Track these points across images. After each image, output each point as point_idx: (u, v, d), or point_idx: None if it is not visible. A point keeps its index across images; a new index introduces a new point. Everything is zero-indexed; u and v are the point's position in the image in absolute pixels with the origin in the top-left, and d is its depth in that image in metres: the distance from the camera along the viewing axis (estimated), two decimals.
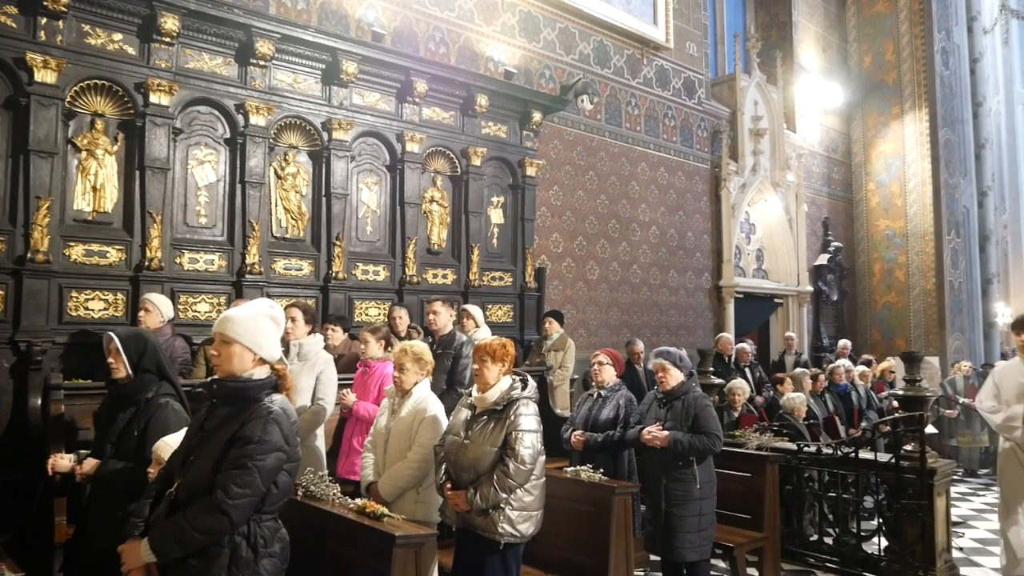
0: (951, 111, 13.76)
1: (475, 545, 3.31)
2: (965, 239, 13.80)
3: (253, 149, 6.04)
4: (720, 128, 11.57)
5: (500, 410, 3.33)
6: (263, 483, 2.28)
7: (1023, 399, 4.77)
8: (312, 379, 4.36)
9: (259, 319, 2.50)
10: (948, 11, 13.93)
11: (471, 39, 8.32)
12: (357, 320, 6.54)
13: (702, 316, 11.06)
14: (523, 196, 8.00)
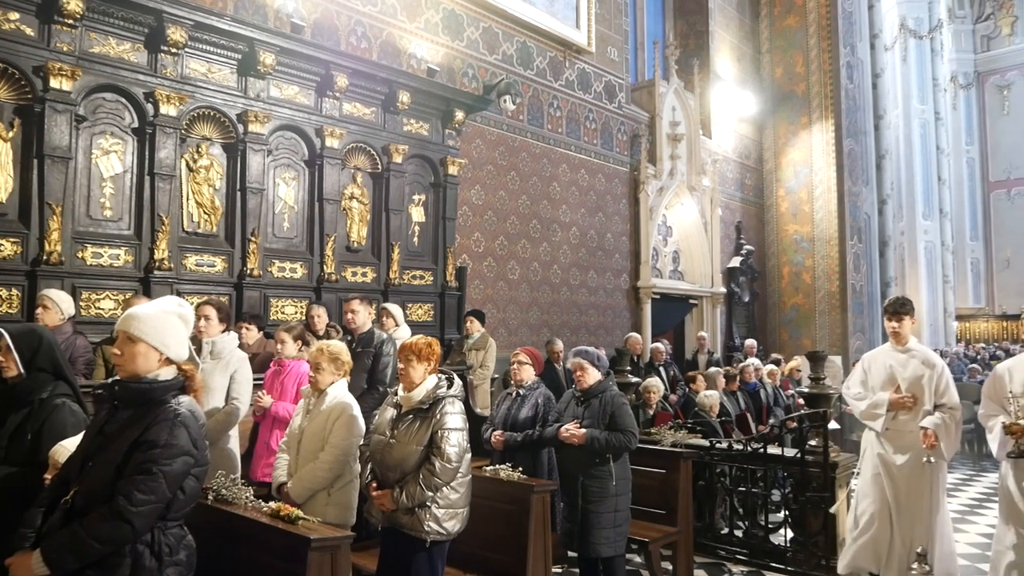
0: (855, 123, 14.46)
1: (400, 544, 3.28)
2: (866, 244, 14.54)
3: (163, 140, 5.80)
4: (639, 132, 11.81)
5: (426, 409, 3.31)
6: (169, 489, 2.18)
7: (890, 386, 4.57)
8: (226, 379, 4.22)
9: (166, 317, 2.39)
10: (853, 27, 14.64)
11: (394, 35, 8.23)
12: (273, 319, 6.37)
13: (620, 316, 11.27)
14: (445, 195, 7.96)
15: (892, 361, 4.63)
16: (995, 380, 4.21)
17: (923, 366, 4.53)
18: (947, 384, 4.49)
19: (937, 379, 4.48)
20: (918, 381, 4.50)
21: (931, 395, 4.44)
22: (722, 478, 5.99)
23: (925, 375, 4.49)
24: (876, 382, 4.66)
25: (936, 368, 4.50)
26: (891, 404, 4.51)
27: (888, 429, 4.55)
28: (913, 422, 4.45)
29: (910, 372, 4.53)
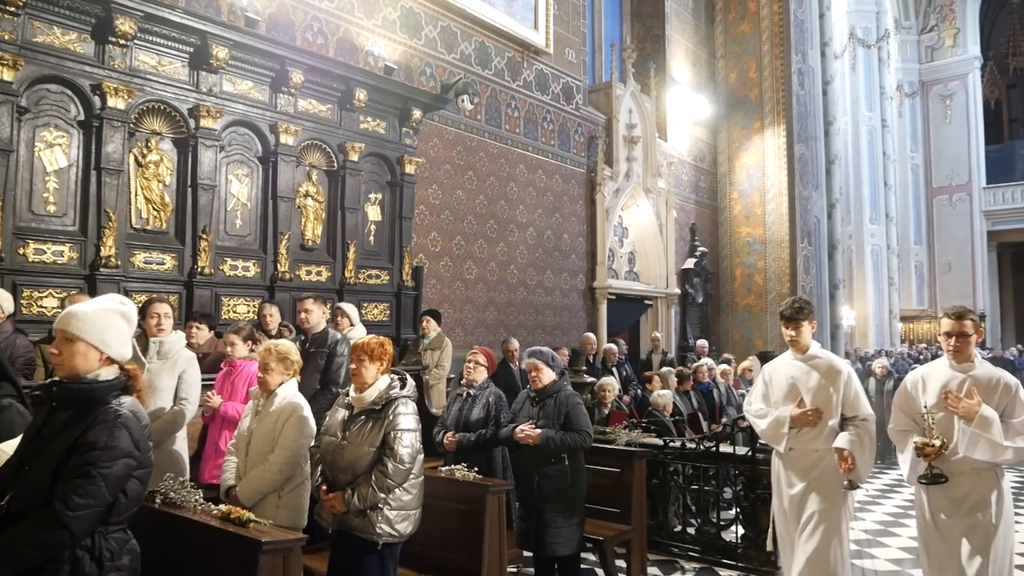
0: (806, 128, 14.79)
1: (351, 547, 3.24)
2: (816, 247, 14.88)
3: (111, 134, 5.64)
4: (596, 134, 11.90)
5: (378, 410, 3.27)
6: (109, 492, 2.12)
7: (791, 398, 3.99)
8: (173, 379, 4.13)
9: (107, 315, 2.32)
10: (804, 35, 14.97)
11: (351, 31, 8.14)
12: (224, 318, 6.25)
13: (576, 316, 11.33)
14: (401, 194, 7.91)
15: (793, 371, 4.04)
16: (906, 391, 3.80)
17: (828, 375, 3.95)
18: (856, 393, 3.93)
19: (844, 388, 3.90)
20: (823, 392, 3.92)
21: (838, 407, 3.88)
22: (675, 476, 6.06)
23: (830, 385, 3.92)
24: (778, 396, 4.07)
25: (842, 376, 3.93)
26: (794, 420, 3.91)
27: (792, 449, 3.97)
28: (817, 440, 3.89)
29: (814, 382, 3.95)
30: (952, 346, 3.60)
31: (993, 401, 3.49)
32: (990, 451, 3.41)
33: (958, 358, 3.61)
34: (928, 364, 3.94)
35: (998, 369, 3.65)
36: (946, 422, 3.54)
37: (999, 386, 3.53)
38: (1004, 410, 3.47)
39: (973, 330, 3.60)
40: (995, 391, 3.51)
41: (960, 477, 3.51)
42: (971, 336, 3.60)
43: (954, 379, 3.59)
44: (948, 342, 3.62)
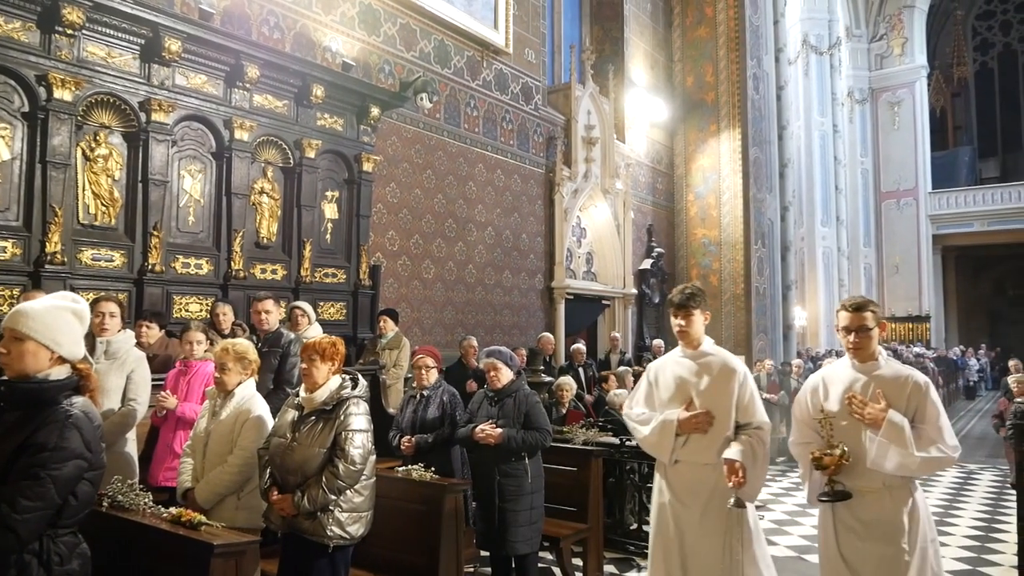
0: (760, 132, 15.07)
1: (302, 550, 3.20)
2: (769, 249, 15.17)
3: (57, 126, 5.47)
4: (555, 135, 11.95)
5: (329, 410, 3.24)
6: (58, 494, 2.06)
7: (679, 400, 3.40)
8: (122, 379, 4.03)
9: (58, 313, 2.25)
10: (759, 41, 15.25)
11: (308, 27, 8.04)
12: (176, 316, 6.12)
13: (534, 316, 11.36)
14: (359, 192, 7.83)
15: (682, 370, 3.45)
16: (805, 397, 3.29)
17: (721, 375, 3.37)
18: (752, 397, 3.37)
19: (739, 391, 3.33)
20: (716, 394, 3.34)
21: (732, 412, 3.31)
22: (631, 475, 6.12)
23: (724, 386, 3.35)
24: (664, 398, 3.47)
25: (737, 376, 3.35)
26: (681, 426, 3.31)
27: (678, 462, 3.35)
28: (709, 451, 3.29)
29: (705, 383, 3.37)
30: (851, 343, 3.11)
31: (902, 403, 3.01)
32: (900, 463, 2.92)
33: (860, 356, 3.12)
34: (829, 366, 3.44)
35: (906, 367, 3.18)
36: (852, 432, 3.05)
37: (908, 386, 3.04)
38: (915, 413, 3.01)
39: (875, 323, 3.10)
40: (904, 392, 3.03)
41: (869, 496, 3.02)
42: (872, 330, 3.09)
43: (857, 381, 3.11)
44: (847, 339, 3.12)
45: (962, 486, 9.21)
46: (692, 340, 3.45)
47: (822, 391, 3.21)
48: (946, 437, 2.96)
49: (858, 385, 3.11)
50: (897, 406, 3.00)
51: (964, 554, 6.25)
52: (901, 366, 3.16)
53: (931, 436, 2.95)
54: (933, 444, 2.94)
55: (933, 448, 2.93)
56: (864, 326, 3.09)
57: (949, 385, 19.25)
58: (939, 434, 2.96)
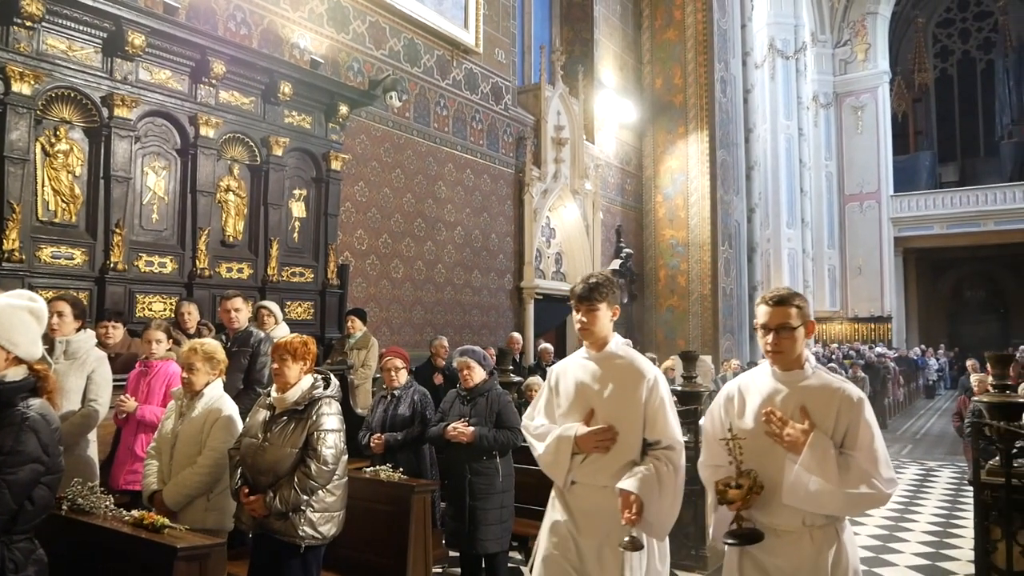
0: (727, 134, 15.25)
1: (273, 550, 3.17)
2: (736, 250, 15.35)
3: (15, 121, 5.33)
4: (525, 135, 11.96)
5: (301, 410, 3.21)
6: (14, 499, 2.01)
7: (578, 411, 2.79)
8: (82, 380, 3.94)
9: (14, 312, 2.20)
10: (727, 44, 15.43)
11: (275, 23, 7.95)
12: (139, 316, 6.00)
13: (504, 316, 11.37)
14: (327, 190, 7.76)
15: (583, 374, 2.85)
16: (716, 412, 2.67)
17: (627, 381, 2.78)
18: (662, 409, 2.73)
19: (647, 400, 2.73)
20: (621, 404, 2.74)
21: (639, 426, 2.72)
22: None
23: (630, 395, 2.74)
24: (566, 403, 2.87)
25: (646, 382, 2.75)
26: (579, 443, 2.71)
27: (575, 484, 2.77)
28: (610, 473, 2.68)
29: (609, 391, 2.77)
30: (771, 344, 2.49)
31: (830, 423, 2.41)
32: (821, 499, 2.34)
33: (780, 362, 2.51)
34: (749, 372, 2.77)
35: (838, 378, 2.56)
36: (769, 457, 2.44)
37: (838, 401, 2.43)
38: (845, 437, 2.40)
39: (800, 321, 2.50)
40: (832, 409, 2.42)
41: (786, 537, 2.43)
42: (797, 330, 2.49)
43: (778, 393, 2.50)
44: (765, 339, 2.51)
45: (921, 483, 9.41)
46: (596, 339, 2.84)
47: (737, 403, 2.60)
48: (881, 469, 2.35)
49: (778, 398, 2.49)
50: (824, 426, 2.40)
51: (923, 549, 6.38)
52: (831, 377, 2.54)
53: (863, 467, 2.34)
54: (865, 477, 2.33)
55: (864, 483, 2.32)
56: (786, 324, 2.48)
57: (909, 384, 19.66)
58: (873, 464, 2.34)
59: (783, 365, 2.52)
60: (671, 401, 2.83)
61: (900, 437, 14.05)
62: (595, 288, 2.81)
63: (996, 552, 3.90)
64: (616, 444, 2.71)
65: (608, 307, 2.83)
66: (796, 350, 2.50)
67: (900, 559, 6.11)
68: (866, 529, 7.05)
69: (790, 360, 2.51)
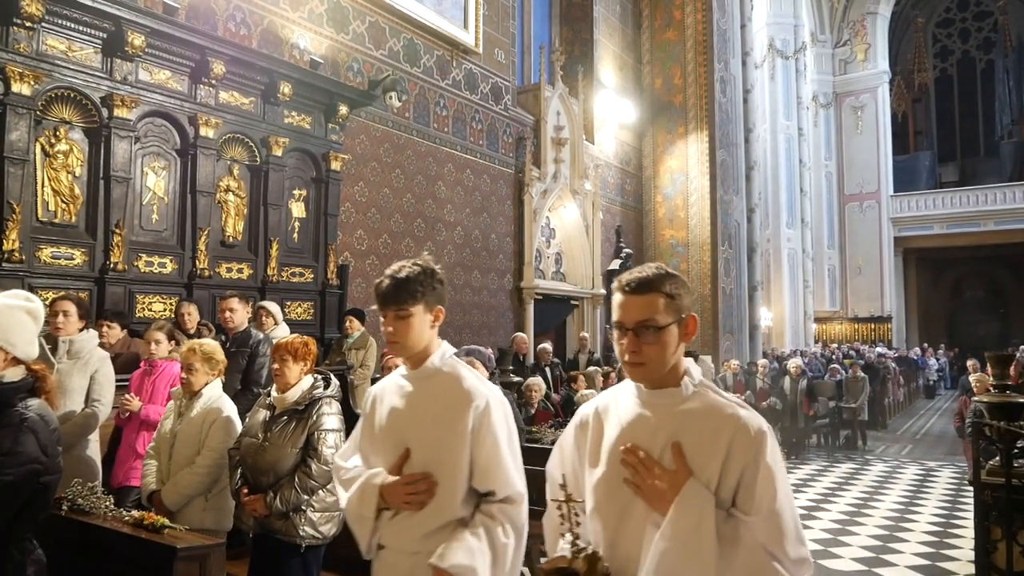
0: (727, 135, 15.24)
1: (274, 550, 3.17)
2: (736, 250, 15.35)
3: (15, 121, 5.33)
4: (524, 135, 11.96)
5: (302, 410, 3.22)
6: (13, 500, 2.01)
7: (390, 448, 2.09)
8: (85, 379, 3.95)
9: (11, 312, 2.20)
10: (727, 44, 15.42)
11: (275, 23, 7.95)
12: (138, 316, 6.01)
13: (503, 316, 11.37)
14: (327, 190, 7.77)
15: (399, 400, 2.14)
16: (568, 441, 1.89)
17: (449, 407, 2.06)
18: (495, 447, 2.03)
19: (474, 435, 2.03)
20: (438, 441, 2.04)
21: (463, 472, 2.02)
22: None
23: (453, 427, 2.03)
24: (378, 443, 2.15)
25: (473, 409, 2.03)
26: (386, 496, 2.03)
27: (383, 548, 2.10)
28: (425, 535, 2.01)
29: (427, 422, 2.06)
30: (628, 351, 1.67)
31: (713, 468, 1.60)
32: None
33: (644, 376, 1.70)
34: (613, 388, 1.90)
35: (732, 400, 1.71)
36: (627, 517, 1.66)
37: (729, 435, 1.61)
38: (738, 490, 1.59)
39: (673, 316, 1.67)
40: (720, 447, 1.61)
41: None
42: (667, 329, 1.66)
43: (643, 421, 1.69)
44: (621, 344, 1.70)
45: (921, 483, 9.40)
46: (411, 353, 2.11)
47: (592, 433, 1.77)
48: (788, 544, 1.55)
49: (643, 429, 1.67)
50: (704, 473, 1.59)
51: (923, 549, 6.38)
52: (720, 399, 1.68)
53: (759, 541, 1.54)
54: (760, 561, 1.53)
55: (760, 569, 1.53)
56: (650, 321, 1.64)
57: (909, 384, 19.65)
58: (776, 537, 1.54)
59: (650, 381, 1.69)
60: (514, 434, 2.09)
61: (900, 437, 14.05)
62: (404, 285, 2.08)
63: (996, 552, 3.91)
64: (435, 497, 1.98)
65: (427, 309, 2.11)
66: (665, 359, 1.66)
67: (900, 559, 6.11)
68: (866, 529, 7.05)
69: (658, 374, 1.67)
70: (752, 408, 1.69)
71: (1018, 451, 3.89)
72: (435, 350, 2.15)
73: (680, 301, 1.70)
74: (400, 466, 2.05)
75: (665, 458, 1.63)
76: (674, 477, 1.60)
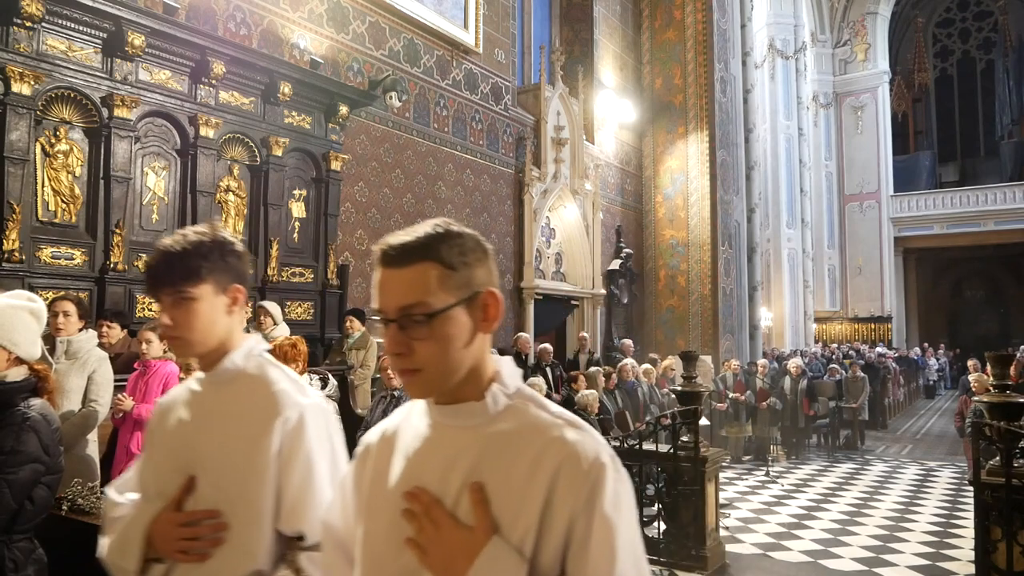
0: (727, 135, 15.23)
1: None
2: (736, 250, 15.34)
3: (15, 121, 5.33)
4: (524, 135, 11.96)
5: None
6: (14, 499, 2.01)
7: (173, 474, 1.53)
8: (83, 380, 3.95)
9: (14, 312, 2.20)
10: (727, 44, 15.41)
11: (275, 23, 7.95)
12: (139, 316, 6.01)
13: (504, 316, 11.35)
14: (327, 190, 7.77)
15: (186, 411, 1.62)
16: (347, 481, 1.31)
17: (247, 423, 1.53)
18: (307, 472, 1.51)
19: (279, 458, 1.51)
20: (234, 467, 1.51)
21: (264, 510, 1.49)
22: None
23: (247, 448, 1.51)
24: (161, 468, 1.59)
25: (281, 423, 1.52)
26: (155, 540, 1.49)
27: None
28: None
29: (219, 442, 1.54)
30: (392, 350, 1.15)
31: (527, 518, 1.06)
32: None
33: (421, 387, 1.16)
34: (407, 405, 1.31)
35: (557, 419, 1.14)
36: None
37: (551, 471, 1.07)
38: (566, 551, 1.05)
39: (456, 295, 1.14)
40: (538, 487, 1.07)
41: None
42: (445, 314, 1.13)
43: (431, 449, 1.18)
44: (386, 341, 1.18)
45: (921, 483, 9.41)
46: (197, 350, 1.59)
47: (373, 464, 1.24)
48: None
49: (436, 460, 1.17)
50: (517, 528, 1.08)
51: (923, 549, 6.38)
52: (544, 415, 1.16)
53: None
54: None
55: None
56: (419, 307, 1.12)
57: (909, 384, 19.66)
58: None
59: (435, 394, 1.17)
60: (339, 457, 1.56)
61: (900, 437, 14.05)
62: (181, 260, 1.54)
63: (996, 552, 3.91)
64: (225, 544, 1.47)
65: (216, 290, 1.58)
66: (450, 360, 1.13)
67: (900, 559, 6.11)
68: (866, 529, 7.05)
69: (444, 383, 1.15)
70: (591, 426, 1.14)
71: (1018, 451, 3.89)
72: (237, 345, 1.61)
73: (469, 271, 1.15)
74: (181, 500, 1.49)
75: (463, 505, 1.09)
76: (469, 538, 1.06)
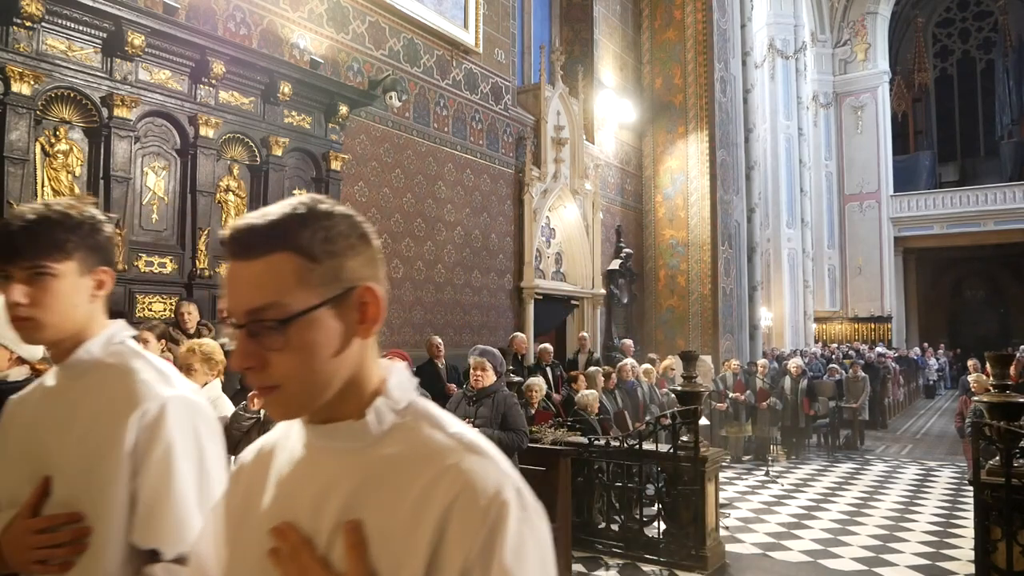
0: (727, 134, 15.23)
1: None
2: (736, 250, 15.34)
3: (15, 121, 5.33)
4: (524, 135, 11.96)
5: None
6: None
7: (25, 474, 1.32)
8: None
9: None
10: (727, 44, 15.41)
11: (275, 23, 7.95)
12: (138, 316, 6.01)
13: (503, 316, 11.36)
14: (327, 190, 7.76)
15: (39, 408, 1.40)
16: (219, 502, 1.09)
17: (103, 418, 1.30)
18: (165, 473, 1.28)
19: (133, 457, 1.28)
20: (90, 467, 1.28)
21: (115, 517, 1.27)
22: (599, 474, 6.16)
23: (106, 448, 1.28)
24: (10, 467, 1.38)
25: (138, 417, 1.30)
26: (5, 547, 1.29)
27: None
28: None
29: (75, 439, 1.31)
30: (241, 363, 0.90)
31: (415, 562, 0.83)
32: None
33: (282, 407, 0.92)
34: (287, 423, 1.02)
35: (454, 440, 0.91)
36: None
37: (436, 506, 0.84)
38: None
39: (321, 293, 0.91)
40: (421, 527, 0.83)
41: None
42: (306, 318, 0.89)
43: (304, 476, 0.95)
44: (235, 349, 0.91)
45: (921, 483, 9.41)
46: (53, 337, 1.38)
47: (243, 487, 1.04)
48: None
49: (306, 493, 0.93)
50: (399, 573, 0.84)
51: (923, 549, 6.38)
52: (437, 437, 0.93)
53: None
54: None
55: None
56: (272, 309, 0.89)
57: (909, 384, 19.66)
58: None
59: (304, 412, 0.95)
60: (210, 458, 1.36)
61: (900, 437, 14.05)
62: (42, 230, 1.32)
63: (996, 552, 3.91)
64: (89, 550, 1.27)
65: (81, 269, 1.38)
66: (314, 377, 0.92)
67: (900, 559, 6.10)
68: (866, 529, 7.05)
69: (298, 402, 0.93)
70: (492, 448, 0.92)
71: (1018, 451, 3.89)
72: (96, 333, 1.42)
73: (338, 262, 0.94)
74: (36, 505, 1.29)
75: (337, 547, 0.89)
76: None
